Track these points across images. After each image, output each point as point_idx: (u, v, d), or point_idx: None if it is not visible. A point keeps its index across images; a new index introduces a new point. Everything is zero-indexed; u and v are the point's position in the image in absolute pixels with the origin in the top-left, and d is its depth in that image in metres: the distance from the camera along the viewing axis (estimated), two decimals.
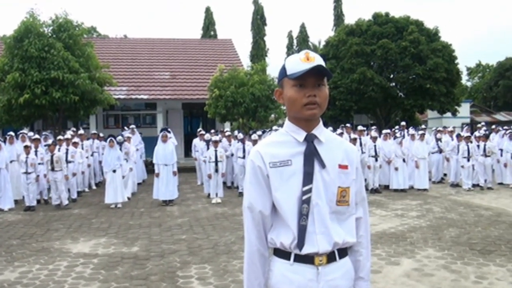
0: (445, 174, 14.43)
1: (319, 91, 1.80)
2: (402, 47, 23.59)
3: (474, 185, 12.47)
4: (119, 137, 11.67)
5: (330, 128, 15.40)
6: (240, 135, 12.88)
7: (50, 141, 11.02)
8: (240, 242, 6.62)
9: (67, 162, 11.21)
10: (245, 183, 1.90)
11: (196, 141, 14.44)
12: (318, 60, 1.78)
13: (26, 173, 10.35)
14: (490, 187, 12.52)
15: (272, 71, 17.18)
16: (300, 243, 1.75)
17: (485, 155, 12.57)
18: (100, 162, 13.88)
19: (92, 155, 13.69)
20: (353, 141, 11.96)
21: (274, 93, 1.96)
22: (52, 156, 10.36)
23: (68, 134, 12.49)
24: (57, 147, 10.98)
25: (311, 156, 1.81)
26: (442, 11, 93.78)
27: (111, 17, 76.81)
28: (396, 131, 14.75)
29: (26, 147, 10.51)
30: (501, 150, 13.40)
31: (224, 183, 12.83)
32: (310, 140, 1.83)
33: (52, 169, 10.37)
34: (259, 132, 14.19)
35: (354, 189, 1.88)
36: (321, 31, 76.68)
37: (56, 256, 6.42)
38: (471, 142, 12.60)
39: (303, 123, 1.84)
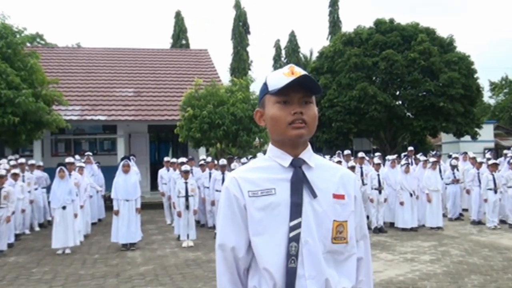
0: (464, 210, 14.48)
1: (307, 109, 1.82)
2: (410, 59, 24.04)
3: (501, 222, 12.52)
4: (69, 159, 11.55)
5: (326, 156, 15.42)
6: (223, 161, 12.82)
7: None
8: None
9: None
10: (218, 216, 1.89)
11: (163, 172, 14.35)
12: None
13: None
14: None
15: (257, 88, 17.18)
16: None
17: None
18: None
19: (36, 189, 13.47)
20: (351, 169, 11.97)
21: (254, 114, 1.98)
22: (0, 190, 10.12)
23: (5, 163, 12.26)
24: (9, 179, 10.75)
25: (299, 183, 1.81)
26: (458, 17, 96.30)
27: (60, 22, 77.02)
28: (402, 158, 14.80)
29: None
30: None
31: (198, 222, 12.70)
32: (297, 165, 1.84)
33: None
34: (243, 160, 14.11)
35: (353, 224, 1.87)
36: (314, 40, 78.06)
37: None
38: (498, 170, 12.71)
39: (288, 147, 1.86)
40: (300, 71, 1.83)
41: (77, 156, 15.22)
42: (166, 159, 15.23)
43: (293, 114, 1.80)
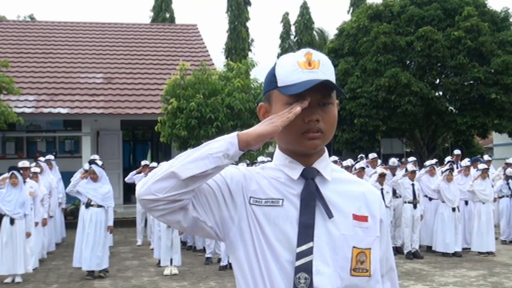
0: None
1: (325, 114, 1.83)
2: (454, 39, 23.99)
3: None
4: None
5: (350, 160, 15.42)
6: None
7: None
8: None
9: None
10: None
11: (138, 179, 14.41)
12: (324, 67, 1.82)
13: None
14: None
15: (258, 73, 17.12)
16: None
17: None
18: None
19: None
20: (381, 179, 11.98)
21: (258, 109, 1.99)
22: None
23: None
24: None
25: (311, 199, 1.81)
26: None
27: None
28: (446, 164, 14.70)
29: None
30: None
31: (184, 243, 12.72)
32: (309, 176, 1.85)
33: None
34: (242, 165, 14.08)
35: (377, 252, 1.88)
36: (332, 14, 78.09)
37: None
38: None
39: (299, 156, 1.88)
40: (319, 59, 1.83)
41: (42, 158, 14.88)
42: (143, 162, 15.19)
43: (308, 122, 1.80)
